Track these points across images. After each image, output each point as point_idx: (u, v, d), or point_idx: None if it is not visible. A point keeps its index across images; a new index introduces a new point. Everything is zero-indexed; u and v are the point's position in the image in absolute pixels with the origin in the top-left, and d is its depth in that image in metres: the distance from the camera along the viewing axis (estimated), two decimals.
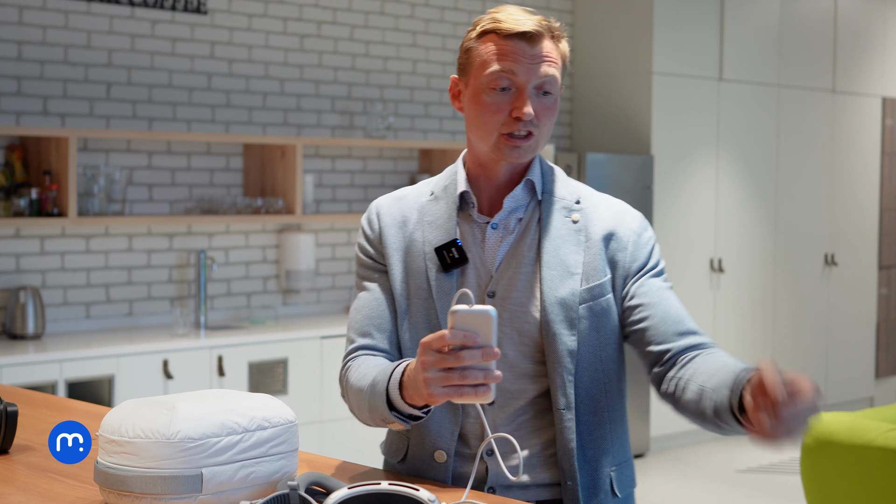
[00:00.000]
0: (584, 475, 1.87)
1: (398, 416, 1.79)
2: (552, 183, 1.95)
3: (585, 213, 1.92)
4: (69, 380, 4.31)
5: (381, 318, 1.94)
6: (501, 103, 1.85)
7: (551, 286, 1.86)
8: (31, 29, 4.71)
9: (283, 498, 1.55)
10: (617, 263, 1.90)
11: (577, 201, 1.94)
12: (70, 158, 4.52)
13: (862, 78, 7.47)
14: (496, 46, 1.85)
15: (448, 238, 1.91)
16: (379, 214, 1.98)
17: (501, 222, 1.92)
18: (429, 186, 2.00)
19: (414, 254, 1.93)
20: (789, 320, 7.06)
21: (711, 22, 6.52)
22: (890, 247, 7.73)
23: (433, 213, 1.95)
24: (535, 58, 1.85)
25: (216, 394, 1.72)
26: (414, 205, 1.98)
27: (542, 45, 1.85)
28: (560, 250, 1.89)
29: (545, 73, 1.85)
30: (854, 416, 3.68)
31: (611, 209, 1.95)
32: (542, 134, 1.88)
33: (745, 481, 5.71)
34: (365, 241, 1.99)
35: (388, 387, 1.79)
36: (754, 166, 6.80)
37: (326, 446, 4.89)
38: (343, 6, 5.66)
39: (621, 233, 1.91)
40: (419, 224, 1.95)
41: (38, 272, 4.77)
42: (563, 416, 1.85)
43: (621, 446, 1.94)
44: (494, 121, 1.86)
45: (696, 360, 1.82)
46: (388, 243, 1.95)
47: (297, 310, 5.54)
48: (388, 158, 5.84)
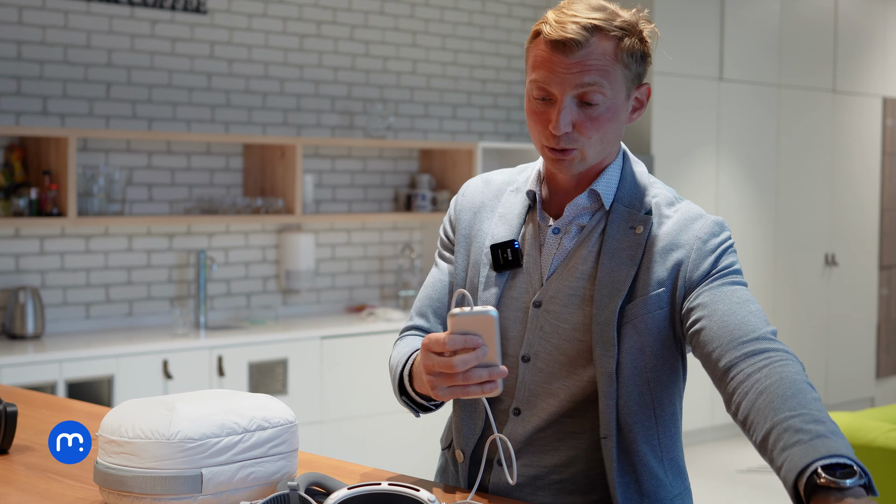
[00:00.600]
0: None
1: (408, 402, 1.79)
2: (628, 190, 1.82)
3: (652, 223, 1.78)
4: (69, 380, 4.31)
5: (440, 303, 1.92)
6: (543, 113, 1.75)
7: (601, 305, 1.75)
8: (30, 29, 4.71)
9: (283, 498, 1.55)
10: (678, 275, 1.75)
11: (648, 211, 1.79)
12: (70, 158, 4.52)
13: (862, 78, 7.47)
14: (539, 52, 1.74)
15: (510, 236, 1.84)
16: (463, 195, 1.95)
17: (563, 227, 1.82)
18: (517, 174, 1.93)
19: (477, 245, 1.88)
20: (789, 320, 7.06)
21: (711, 22, 6.52)
22: (890, 247, 7.73)
23: (507, 205, 1.89)
24: (573, 66, 1.71)
25: (216, 394, 1.72)
26: (496, 192, 1.92)
27: (584, 50, 1.70)
28: (615, 267, 1.76)
29: (580, 83, 1.71)
30: (854, 416, 3.68)
31: (680, 217, 1.79)
32: (590, 146, 1.74)
33: (745, 481, 5.71)
34: (447, 222, 1.96)
35: (402, 373, 1.80)
36: (754, 166, 6.80)
37: (326, 446, 4.89)
38: (343, 6, 5.66)
39: (684, 241, 1.76)
40: (491, 214, 1.89)
41: (38, 272, 4.77)
42: (604, 445, 1.76)
43: (678, 473, 1.83)
44: (537, 130, 1.77)
45: (757, 380, 1.58)
46: (459, 229, 1.92)
47: (297, 310, 5.54)
48: (388, 158, 5.83)
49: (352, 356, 5.09)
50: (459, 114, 6.12)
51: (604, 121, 1.74)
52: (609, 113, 1.74)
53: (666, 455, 1.80)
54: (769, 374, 1.56)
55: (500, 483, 1.84)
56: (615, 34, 1.73)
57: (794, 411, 1.49)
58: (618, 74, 1.73)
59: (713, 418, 6.60)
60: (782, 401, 1.51)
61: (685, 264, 1.75)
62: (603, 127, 1.74)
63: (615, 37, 1.73)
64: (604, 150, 1.78)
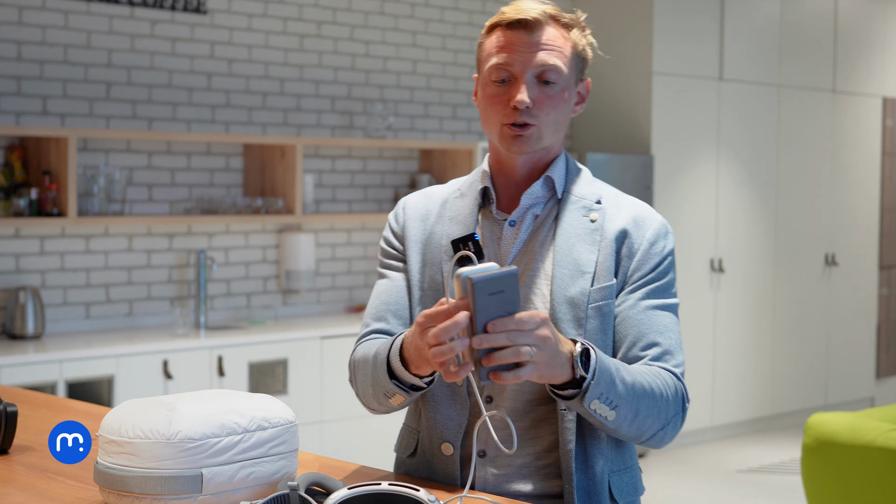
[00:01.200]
0: (582, 478, 1.84)
1: (398, 384, 1.79)
2: (575, 182, 1.93)
3: (605, 213, 1.89)
4: (69, 380, 4.31)
5: (399, 305, 1.95)
6: (502, 94, 1.85)
7: (561, 285, 1.84)
8: (30, 29, 4.71)
9: (283, 498, 1.55)
10: (620, 269, 1.86)
11: (598, 201, 1.91)
12: (70, 158, 4.52)
13: (862, 78, 7.47)
14: (498, 39, 1.86)
15: (467, 233, 1.90)
16: (405, 208, 2.00)
17: (518, 219, 1.91)
18: (457, 184, 2.01)
19: (432, 246, 1.94)
20: (789, 320, 7.06)
21: (711, 22, 6.52)
22: (890, 247, 7.73)
23: (456, 208, 1.95)
24: (533, 46, 1.83)
25: (216, 394, 1.72)
26: (439, 200, 1.99)
27: (544, 32, 1.84)
28: (574, 249, 1.86)
29: (543, 62, 1.83)
30: (854, 417, 3.68)
31: (632, 211, 1.90)
32: (546, 124, 1.85)
33: (745, 481, 5.71)
34: (390, 234, 2.01)
35: (389, 355, 1.79)
36: (754, 166, 6.80)
37: (326, 446, 4.89)
38: (343, 6, 5.66)
39: (634, 238, 1.87)
40: (440, 218, 1.96)
41: (38, 272, 4.77)
42: (564, 416, 1.83)
43: (622, 452, 1.90)
44: (496, 112, 1.86)
45: None
46: (409, 235, 1.97)
47: (297, 310, 5.54)
48: (388, 158, 5.84)
49: None
50: (459, 114, 6.12)
51: (559, 100, 1.86)
52: (563, 94, 1.87)
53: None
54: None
55: (486, 476, 1.87)
56: (566, 23, 1.89)
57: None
58: (569, 60, 1.88)
59: (713, 418, 6.60)
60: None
61: (630, 261, 1.86)
62: (558, 106, 1.86)
63: (566, 25, 1.89)
64: (555, 133, 1.89)
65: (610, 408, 1.71)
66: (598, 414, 1.71)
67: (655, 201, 6.19)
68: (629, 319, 1.84)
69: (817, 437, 3.66)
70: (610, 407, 1.70)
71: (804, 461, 3.73)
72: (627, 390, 1.73)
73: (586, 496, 1.84)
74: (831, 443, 3.62)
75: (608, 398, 1.69)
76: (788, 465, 6.02)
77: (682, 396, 1.83)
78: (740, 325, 6.76)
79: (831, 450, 3.62)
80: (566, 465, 1.83)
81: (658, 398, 1.77)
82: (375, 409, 1.91)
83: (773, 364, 6.95)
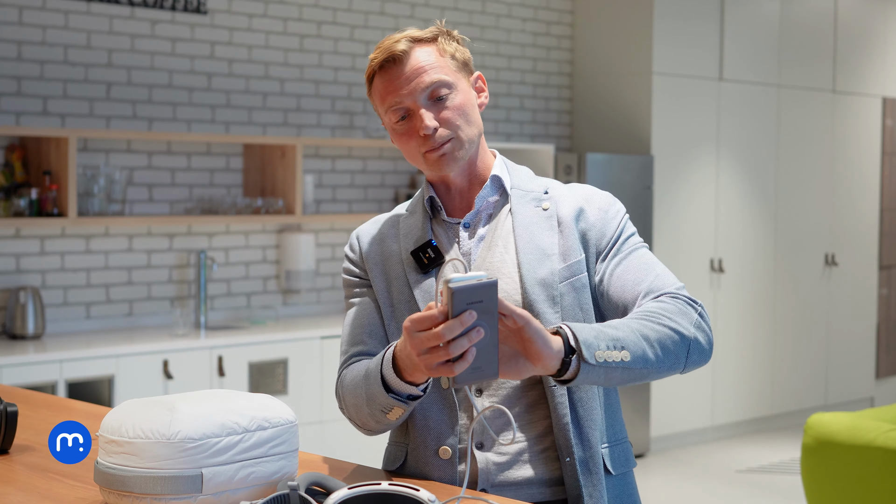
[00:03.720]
0: (580, 451, 1.88)
1: (395, 396, 1.81)
2: (519, 178, 2.02)
3: (554, 201, 1.97)
4: (69, 380, 4.31)
5: (373, 325, 1.99)
6: (409, 129, 1.92)
7: (529, 268, 1.90)
8: (31, 29, 4.71)
9: (283, 498, 1.55)
10: (588, 242, 1.94)
11: (546, 192, 1.99)
12: (70, 158, 4.52)
13: (862, 78, 7.47)
14: (380, 85, 1.93)
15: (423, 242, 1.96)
16: (359, 237, 2.06)
17: (472, 220, 1.98)
18: (403, 207, 2.08)
19: (392, 263, 1.99)
20: (789, 320, 7.06)
21: (711, 22, 6.53)
22: (890, 247, 7.73)
23: (408, 225, 2.01)
24: (411, 74, 1.90)
25: (216, 394, 1.72)
26: (390, 223, 2.05)
27: (412, 58, 1.90)
28: (534, 236, 1.93)
29: (427, 83, 1.89)
30: (854, 417, 3.68)
31: (578, 193, 1.99)
32: (462, 131, 1.92)
33: (745, 481, 5.71)
34: (349, 264, 2.06)
35: (382, 367, 1.81)
36: (754, 166, 6.80)
37: (326, 446, 4.89)
38: (343, 6, 5.66)
39: (589, 212, 1.95)
40: (396, 238, 2.01)
41: (38, 272, 4.77)
42: (555, 392, 1.87)
43: (612, 425, 1.96)
44: (412, 146, 1.93)
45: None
46: (368, 258, 2.02)
47: (297, 310, 5.54)
48: (388, 158, 5.84)
49: None
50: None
51: (459, 107, 1.92)
52: (461, 99, 1.93)
53: (606, 403, 1.96)
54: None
55: (487, 466, 1.89)
56: (428, 37, 1.95)
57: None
58: (449, 67, 1.93)
59: (713, 418, 6.60)
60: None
61: (593, 231, 1.94)
62: (462, 111, 1.92)
63: (430, 38, 1.95)
64: (472, 131, 1.94)
65: (618, 349, 1.72)
66: (614, 361, 1.72)
67: (655, 201, 6.19)
68: (615, 277, 1.91)
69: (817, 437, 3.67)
70: (617, 348, 1.72)
71: (804, 461, 3.73)
72: (623, 325, 1.76)
73: (586, 469, 1.88)
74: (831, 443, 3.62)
75: (607, 343, 1.72)
76: (788, 465, 6.02)
77: (688, 302, 1.86)
78: (740, 325, 6.76)
79: (831, 450, 3.62)
80: (564, 440, 1.87)
81: (659, 315, 1.80)
82: (372, 428, 1.92)
83: (773, 364, 6.95)
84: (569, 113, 6.68)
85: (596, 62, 6.57)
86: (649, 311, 1.82)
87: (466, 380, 1.62)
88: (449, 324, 1.58)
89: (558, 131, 6.62)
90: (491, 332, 1.60)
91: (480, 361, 1.61)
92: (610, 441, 1.94)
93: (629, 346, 1.74)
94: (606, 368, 1.71)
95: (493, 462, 1.89)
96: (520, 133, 6.36)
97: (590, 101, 6.61)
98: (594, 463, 1.89)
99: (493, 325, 1.60)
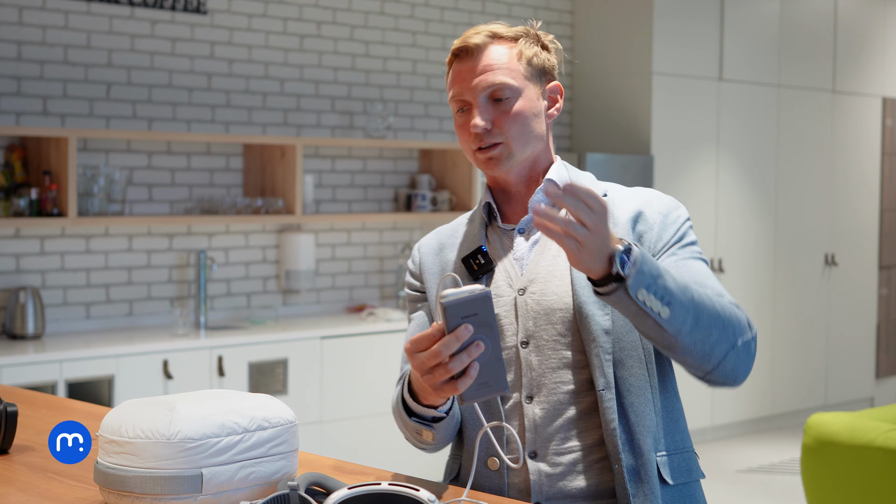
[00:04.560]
0: (629, 458, 1.81)
1: (419, 420, 1.81)
2: (577, 181, 1.94)
3: (613, 203, 1.91)
4: (69, 380, 4.31)
5: None
6: (465, 123, 1.91)
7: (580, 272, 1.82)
8: (31, 29, 4.71)
9: (283, 498, 1.55)
10: (644, 245, 1.86)
11: (605, 194, 1.93)
12: (70, 158, 4.52)
13: (862, 78, 7.47)
14: (450, 72, 1.94)
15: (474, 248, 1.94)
16: (419, 248, 2.07)
17: (527, 225, 1.94)
18: (465, 216, 2.06)
19: (448, 272, 1.97)
20: (789, 320, 7.06)
21: (711, 22, 6.53)
22: (890, 247, 7.73)
23: (465, 234, 2.00)
24: (478, 70, 1.89)
25: (216, 394, 1.72)
26: (450, 233, 2.04)
27: (485, 54, 1.90)
28: None
29: (489, 82, 1.88)
30: (854, 417, 3.68)
31: (638, 196, 1.93)
32: (513, 138, 1.89)
33: (745, 481, 5.71)
34: (410, 277, 2.07)
35: (403, 393, 1.82)
36: (754, 166, 6.80)
37: (326, 446, 4.89)
38: (343, 6, 5.66)
39: (648, 214, 1.89)
40: (453, 247, 2.00)
41: (38, 272, 4.77)
42: (604, 396, 1.81)
43: (673, 433, 1.88)
44: (465, 140, 1.92)
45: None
46: (426, 270, 2.02)
47: (297, 310, 5.54)
48: (388, 158, 5.84)
49: (352, 356, 5.09)
50: None
51: (517, 114, 1.88)
52: (521, 106, 1.89)
53: (664, 411, 1.87)
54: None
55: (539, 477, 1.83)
56: (511, 36, 1.93)
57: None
58: (521, 72, 1.90)
59: (713, 418, 6.60)
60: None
61: (651, 234, 1.87)
62: (519, 119, 1.88)
63: (511, 38, 1.93)
64: (528, 143, 1.91)
65: (662, 302, 1.65)
66: (649, 308, 1.64)
67: None
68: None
69: (817, 437, 3.67)
70: (662, 302, 1.65)
71: (804, 461, 3.73)
72: (680, 289, 1.68)
73: (636, 477, 1.81)
74: (831, 443, 3.62)
75: (657, 291, 1.64)
76: (788, 465, 6.02)
77: (748, 321, 1.78)
78: None
79: (831, 450, 3.62)
80: (612, 446, 1.80)
81: (720, 309, 1.73)
82: (420, 447, 1.92)
83: (773, 364, 6.95)
84: (569, 113, 6.68)
85: (596, 62, 6.57)
86: (715, 296, 1.75)
87: (474, 396, 1.57)
88: (445, 340, 1.55)
89: (558, 131, 6.61)
90: (492, 345, 1.56)
91: (486, 376, 1.57)
92: (669, 449, 1.87)
93: (675, 309, 1.67)
94: (638, 308, 1.65)
95: (546, 473, 1.83)
96: None
97: (590, 101, 6.61)
98: (646, 472, 1.81)
99: (493, 338, 1.56)
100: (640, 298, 1.63)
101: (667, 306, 1.66)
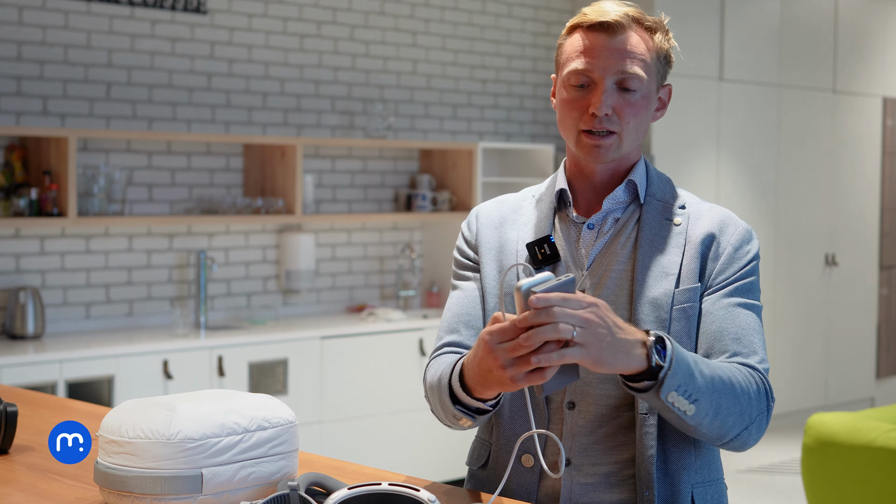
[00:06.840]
0: (662, 487, 1.77)
1: (462, 410, 1.74)
2: (657, 187, 1.88)
3: (689, 217, 1.84)
4: (69, 380, 4.31)
5: (471, 315, 1.90)
6: (580, 99, 1.80)
7: (644, 286, 1.79)
8: (31, 29, 4.71)
9: (284, 498, 1.55)
10: (705, 272, 1.81)
11: (682, 206, 1.86)
12: (70, 158, 4.52)
13: (862, 78, 7.47)
14: (579, 41, 1.80)
15: (542, 236, 1.85)
16: (478, 216, 1.96)
17: (598, 223, 1.86)
18: (531, 191, 1.97)
19: (507, 252, 1.89)
20: (790, 320, 7.06)
21: (712, 22, 6.52)
22: (890, 247, 7.73)
23: (530, 213, 1.91)
24: (615, 51, 1.77)
25: (216, 394, 1.72)
26: (513, 207, 1.94)
27: (626, 36, 1.78)
28: (657, 251, 1.81)
29: (624, 69, 1.77)
30: (854, 417, 3.68)
31: (717, 216, 1.85)
32: (627, 132, 1.80)
33: (745, 481, 5.71)
34: (463, 243, 1.97)
35: (451, 381, 1.74)
36: (754, 166, 6.80)
37: (326, 446, 4.89)
38: (343, 6, 5.66)
39: (721, 240, 1.82)
40: (515, 224, 1.91)
41: (38, 272, 4.77)
42: (645, 421, 1.77)
43: (708, 464, 1.84)
44: (573, 117, 1.81)
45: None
46: (483, 242, 1.92)
47: (297, 310, 5.54)
48: (388, 158, 5.84)
49: (352, 356, 5.09)
50: (459, 114, 6.12)
51: (640, 108, 1.80)
52: (644, 101, 1.80)
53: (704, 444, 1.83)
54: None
55: (571, 485, 1.80)
56: (649, 26, 1.82)
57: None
58: (652, 66, 1.81)
59: None
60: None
61: (715, 264, 1.81)
62: (639, 114, 1.80)
63: (649, 28, 1.82)
64: (636, 140, 1.83)
65: (689, 401, 1.63)
66: (676, 408, 1.63)
67: None
68: (710, 316, 1.79)
69: (817, 437, 3.66)
70: (689, 401, 1.63)
71: (804, 461, 3.73)
72: (707, 383, 1.65)
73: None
74: (831, 443, 3.62)
75: (686, 390, 1.62)
76: (788, 465, 6.02)
77: (766, 394, 1.75)
78: None
79: (831, 450, 3.62)
80: (645, 473, 1.77)
81: (740, 394, 1.70)
82: (450, 426, 1.84)
83: (773, 364, 6.95)
84: None
85: None
86: (741, 375, 1.72)
87: (555, 386, 1.55)
88: (531, 333, 1.50)
89: (558, 131, 6.61)
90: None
91: (564, 366, 1.54)
92: (702, 480, 1.82)
93: (700, 405, 1.65)
94: (665, 406, 1.64)
95: (579, 482, 1.80)
96: (520, 133, 6.36)
97: None
98: (678, 502, 1.78)
99: None
100: (669, 400, 1.62)
101: (693, 405, 1.64)
